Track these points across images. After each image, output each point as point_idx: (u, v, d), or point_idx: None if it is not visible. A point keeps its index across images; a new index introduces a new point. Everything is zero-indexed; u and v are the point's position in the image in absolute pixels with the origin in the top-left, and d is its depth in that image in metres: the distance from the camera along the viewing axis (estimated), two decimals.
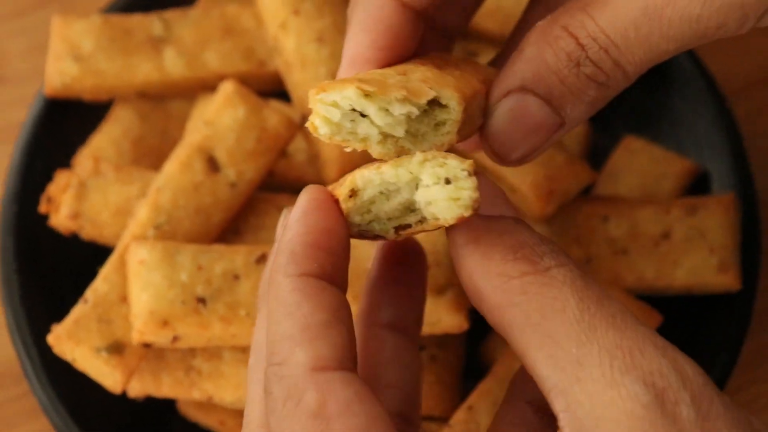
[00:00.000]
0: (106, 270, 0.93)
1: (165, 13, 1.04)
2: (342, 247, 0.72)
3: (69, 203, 0.97)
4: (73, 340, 0.91)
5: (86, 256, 0.99)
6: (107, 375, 0.91)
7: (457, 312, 0.91)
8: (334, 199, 0.73)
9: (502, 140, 0.77)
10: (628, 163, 1.05)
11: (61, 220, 0.97)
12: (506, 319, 0.69)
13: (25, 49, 1.18)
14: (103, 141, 1.03)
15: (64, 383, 0.96)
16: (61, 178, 0.98)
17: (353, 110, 0.71)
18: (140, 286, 0.89)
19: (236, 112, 0.96)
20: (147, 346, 0.90)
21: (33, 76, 1.15)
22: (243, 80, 1.01)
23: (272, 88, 1.04)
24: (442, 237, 0.91)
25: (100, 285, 0.93)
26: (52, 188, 0.98)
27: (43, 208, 0.98)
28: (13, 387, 1.06)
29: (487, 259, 0.70)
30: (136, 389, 0.94)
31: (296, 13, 1.00)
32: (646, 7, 0.72)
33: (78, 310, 0.92)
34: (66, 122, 1.04)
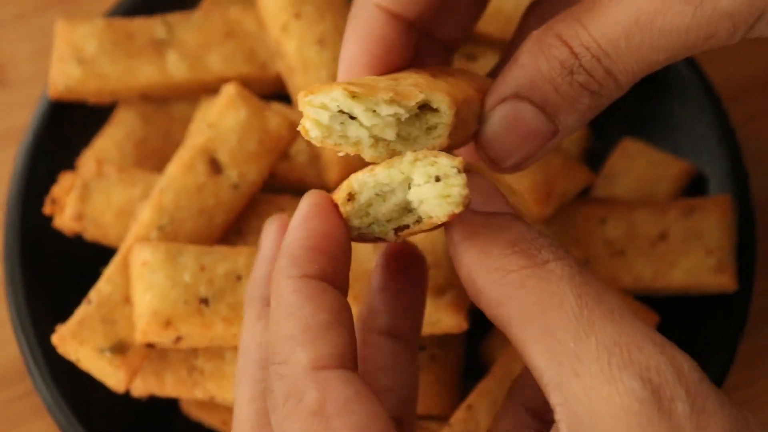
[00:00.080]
0: (110, 271, 0.93)
1: (168, 17, 1.04)
2: (342, 250, 0.73)
3: (73, 205, 0.97)
4: (77, 340, 0.91)
5: (90, 257, 0.99)
6: (111, 375, 0.91)
7: (456, 312, 0.91)
8: (334, 203, 0.73)
9: (496, 147, 0.77)
10: (625, 165, 1.05)
11: (65, 221, 0.97)
12: (504, 313, 0.69)
13: (30, 53, 1.18)
14: (107, 143, 1.03)
15: (68, 383, 0.96)
16: (65, 179, 0.98)
17: (342, 112, 0.71)
18: (143, 286, 0.89)
19: (238, 115, 0.96)
20: (150, 346, 0.90)
21: (37, 79, 1.15)
22: (245, 83, 1.01)
23: (274, 91, 1.04)
24: (442, 238, 0.91)
25: (103, 286, 0.93)
26: (56, 190, 0.98)
27: (47, 210, 0.98)
28: (18, 386, 1.06)
29: (485, 254, 0.71)
30: (140, 389, 0.94)
31: (297, 16, 1.00)
32: (636, 17, 0.73)
33: (82, 311, 0.92)
34: (70, 125, 1.04)
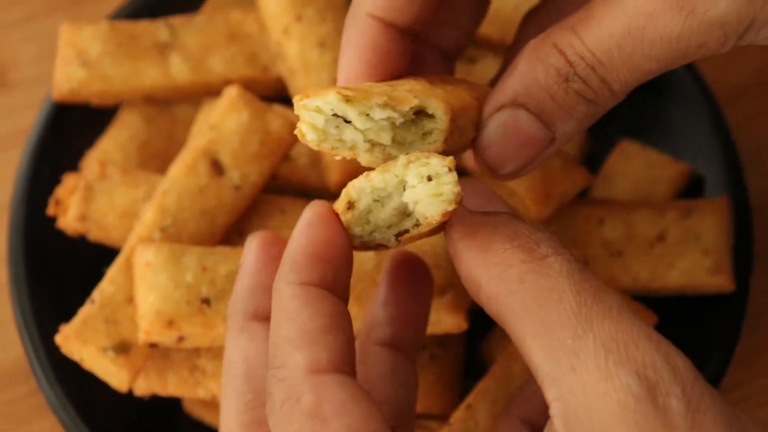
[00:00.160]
0: (113, 271, 0.93)
1: (171, 20, 1.04)
2: (342, 258, 0.74)
3: (76, 206, 0.97)
4: (81, 340, 0.91)
5: (93, 258, 1.00)
6: (114, 374, 0.91)
7: (456, 312, 0.91)
8: (335, 213, 0.74)
9: (494, 154, 0.78)
10: (623, 166, 1.05)
11: (68, 222, 0.97)
12: (504, 307, 0.70)
13: (35, 55, 1.18)
14: (110, 145, 1.03)
15: (72, 382, 0.96)
16: (68, 181, 0.98)
17: (336, 116, 0.72)
18: (146, 287, 0.89)
19: (240, 117, 0.96)
20: (153, 345, 0.90)
21: (42, 82, 1.15)
22: (247, 85, 1.01)
23: (276, 93, 1.04)
24: (441, 239, 0.91)
25: (106, 286, 0.93)
26: (60, 191, 0.98)
27: (51, 211, 0.98)
28: (22, 385, 1.06)
29: (485, 249, 0.71)
30: (142, 388, 0.94)
31: (299, 19, 1.00)
32: (628, 26, 0.73)
33: (85, 311, 0.92)
34: (74, 126, 1.05)
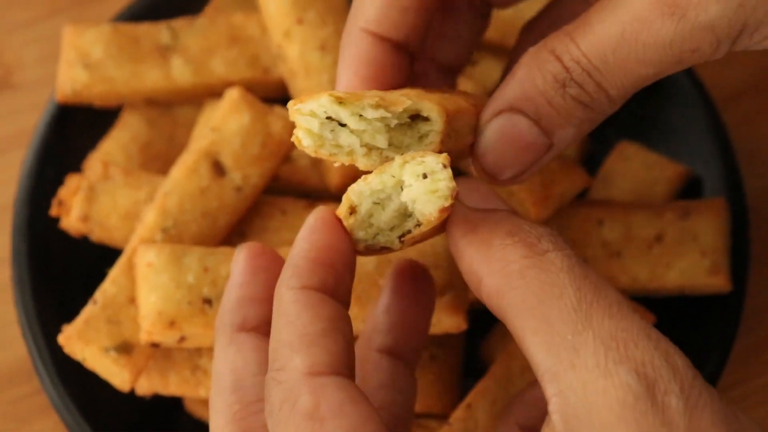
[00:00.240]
0: (115, 272, 0.93)
1: (172, 22, 1.04)
2: (344, 263, 0.74)
3: (79, 206, 0.97)
4: (83, 340, 0.91)
5: (96, 259, 1.00)
6: (116, 374, 0.91)
7: (456, 313, 0.91)
8: (338, 218, 0.75)
9: (492, 159, 0.78)
10: (622, 168, 1.06)
11: (71, 222, 0.98)
12: (505, 303, 0.70)
13: (38, 57, 1.18)
14: (113, 146, 1.03)
15: (75, 382, 0.96)
16: (71, 182, 0.98)
17: (330, 119, 0.73)
18: (148, 287, 0.90)
19: (242, 118, 0.96)
20: (155, 345, 0.91)
21: (45, 83, 1.15)
22: (248, 87, 1.01)
23: (277, 95, 1.04)
24: (441, 240, 0.92)
25: (108, 287, 0.93)
26: (62, 192, 0.98)
27: (54, 211, 0.98)
28: (25, 384, 1.06)
29: (486, 245, 0.72)
30: (144, 387, 0.94)
31: (300, 21, 1.00)
32: (622, 32, 0.74)
33: (87, 311, 0.92)
34: (76, 128, 1.05)
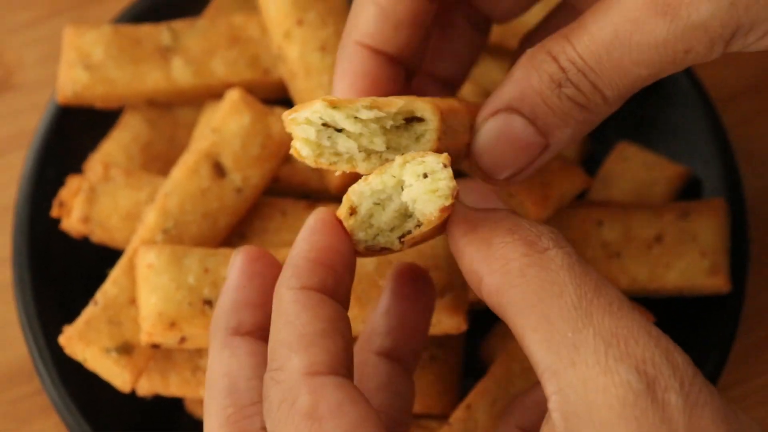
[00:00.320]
0: (116, 273, 0.94)
1: (173, 24, 1.04)
2: (343, 264, 0.74)
3: (80, 207, 0.97)
4: (84, 341, 0.91)
5: (96, 260, 1.00)
6: (117, 375, 0.92)
7: (455, 313, 0.91)
8: (338, 219, 0.75)
9: (487, 158, 0.79)
10: (621, 168, 1.06)
11: (72, 223, 0.98)
12: (505, 301, 0.70)
13: (39, 58, 1.18)
14: (113, 147, 1.03)
15: (75, 382, 0.96)
16: (72, 183, 0.99)
17: (327, 126, 0.73)
18: (149, 288, 0.90)
19: (242, 119, 0.96)
20: (155, 346, 0.91)
21: (46, 84, 1.16)
22: (248, 88, 1.01)
23: (277, 96, 1.04)
24: (441, 241, 0.92)
25: (109, 288, 0.93)
26: (63, 193, 0.99)
27: (55, 212, 0.99)
28: (26, 385, 1.07)
29: (486, 243, 0.72)
30: (145, 388, 0.95)
31: (300, 22, 1.00)
32: (616, 32, 0.74)
33: (88, 312, 0.93)
34: (77, 129, 1.05)
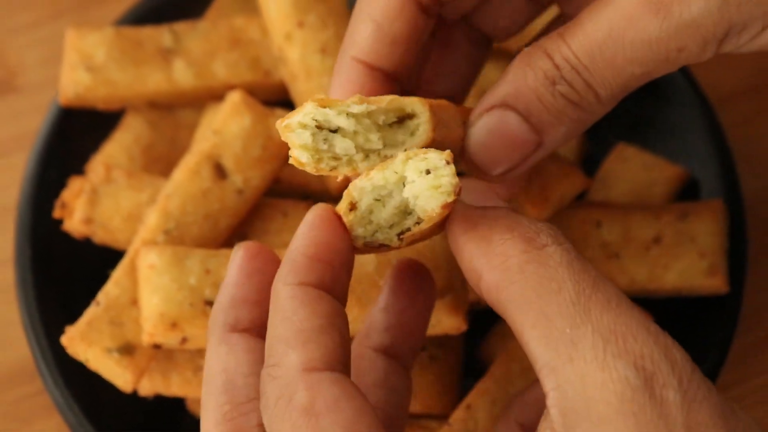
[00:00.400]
0: (118, 274, 0.94)
1: (175, 26, 1.04)
2: (342, 260, 0.74)
3: (82, 209, 0.97)
4: (86, 341, 0.92)
5: (98, 260, 1.00)
6: (119, 375, 0.92)
7: (455, 314, 0.91)
8: (337, 215, 0.75)
9: (481, 153, 0.79)
10: (620, 169, 1.06)
11: (74, 225, 0.98)
12: (504, 297, 0.70)
13: (41, 60, 1.18)
14: (115, 148, 1.04)
15: (78, 382, 0.97)
16: (74, 184, 0.99)
17: (321, 129, 0.73)
18: (150, 289, 0.90)
19: (243, 121, 0.96)
20: (157, 347, 0.91)
21: (48, 86, 1.16)
22: (249, 90, 1.01)
23: (278, 98, 1.04)
24: (441, 241, 0.92)
25: (111, 288, 0.93)
26: (65, 194, 0.99)
27: (57, 214, 0.99)
28: (28, 385, 1.07)
29: (486, 241, 0.72)
30: (147, 388, 0.95)
31: (301, 25, 1.00)
32: (609, 30, 0.75)
33: (90, 313, 0.93)
34: (79, 130, 1.05)
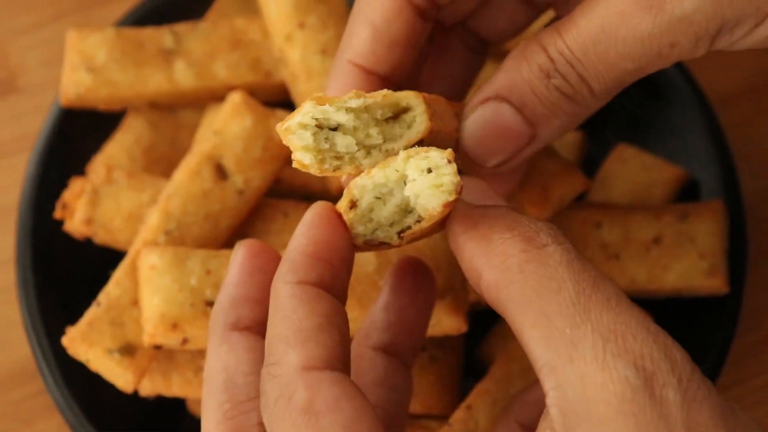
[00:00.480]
0: (118, 274, 0.94)
1: (175, 26, 1.04)
2: (341, 258, 0.74)
3: (83, 209, 0.98)
4: (87, 342, 0.92)
5: (99, 261, 1.00)
6: (119, 375, 0.92)
7: (456, 314, 0.91)
8: (337, 213, 0.75)
9: (475, 144, 0.79)
10: (620, 170, 1.06)
11: (75, 225, 0.98)
12: (504, 297, 0.70)
13: (42, 61, 1.18)
14: (116, 149, 1.04)
15: (79, 383, 0.97)
16: (75, 184, 0.99)
17: (321, 128, 0.73)
18: (151, 290, 0.90)
19: (243, 122, 0.96)
20: (158, 347, 0.91)
21: (49, 87, 1.16)
22: (250, 91, 1.01)
23: (278, 99, 1.04)
24: (441, 242, 0.92)
25: (112, 289, 0.93)
26: (66, 195, 0.99)
27: (58, 214, 0.99)
28: (29, 385, 1.07)
29: (486, 240, 0.72)
30: (147, 389, 0.95)
31: (301, 26, 1.00)
32: (602, 25, 0.75)
33: (91, 313, 0.93)
34: (80, 131, 1.05)
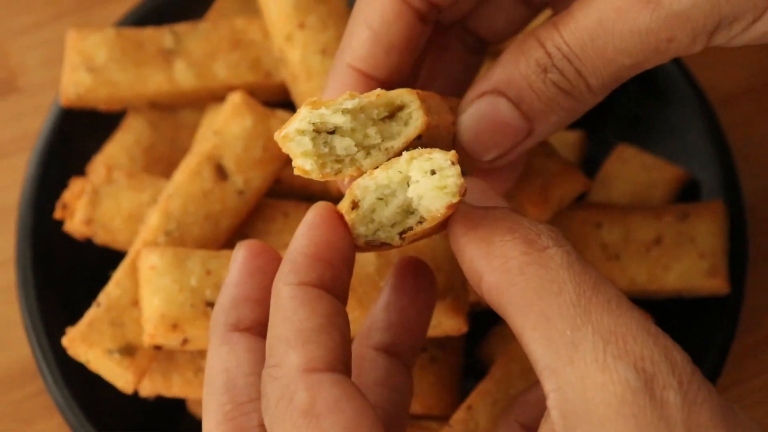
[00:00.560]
0: (119, 275, 0.94)
1: (176, 27, 1.04)
2: (342, 259, 0.74)
3: (83, 209, 0.97)
4: (87, 342, 0.92)
5: (99, 261, 1.00)
6: (119, 376, 0.92)
7: (456, 315, 0.91)
8: (338, 214, 0.75)
9: (472, 138, 0.80)
10: (620, 170, 1.06)
11: (75, 225, 0.98)
12: (505, 299, 0.70)
13: (42, 61, 1.18)
14: (116, 149, 1.04)
15: (79, 383, 0.97)
16: (75, 185, 0.99)
17: (319, 133, 0.73)
18: (151, 290, 0.90)
19: (244, 122, 0.96)
20: (158, 348, 0.91)
21: (49, 87, 1.16)
22: (250, 91, 1.01)
23: (278, 99, 1.04)
24: (441, 243, 0.92)
25: (112, 289, 0.93)
26: (66, 195, 0.99)
27: (58, 214, 0.99)
28: (29, 385, 1.07)
29: (487, 242, 0.72)
30: (148, 389, 0.95)
31: (301, 26, 1.00)
32: (600, 20, 0.75)
33: (91, 314, 0.93)
34: (80, 131, 1.05)
